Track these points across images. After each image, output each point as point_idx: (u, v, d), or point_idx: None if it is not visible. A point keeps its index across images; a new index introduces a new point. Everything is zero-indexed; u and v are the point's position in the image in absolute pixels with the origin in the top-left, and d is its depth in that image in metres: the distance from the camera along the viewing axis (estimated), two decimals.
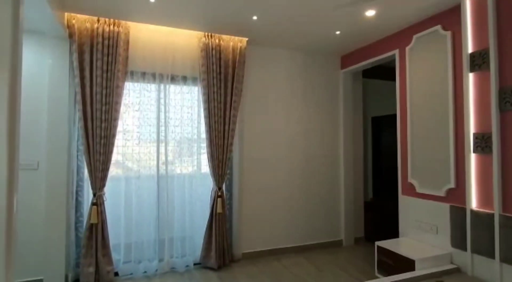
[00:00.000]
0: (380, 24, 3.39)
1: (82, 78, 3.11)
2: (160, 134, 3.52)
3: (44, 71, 3.10)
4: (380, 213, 4.42)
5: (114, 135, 3.21)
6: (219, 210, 3.56)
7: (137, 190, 3.43)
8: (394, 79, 3.69)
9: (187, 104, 3.63)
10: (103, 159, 3.16)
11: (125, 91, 3.34)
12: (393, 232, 3.71)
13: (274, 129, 4.08)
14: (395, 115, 3.64)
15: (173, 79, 3.57)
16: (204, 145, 3.66)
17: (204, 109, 3.55)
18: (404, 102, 3.46)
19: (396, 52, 3.59)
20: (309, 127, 4.29)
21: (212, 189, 3.64)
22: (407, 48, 3.42)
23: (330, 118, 4.42)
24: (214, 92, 3.59)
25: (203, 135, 3.65)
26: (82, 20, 3.13)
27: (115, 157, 3.35)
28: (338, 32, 3.61)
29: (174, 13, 3.14)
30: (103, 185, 3.20)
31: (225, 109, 3.66)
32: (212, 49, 3.59)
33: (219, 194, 3.59)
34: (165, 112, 3.53)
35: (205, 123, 3.56)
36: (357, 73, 4.62)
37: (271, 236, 4.02)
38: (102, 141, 3.15)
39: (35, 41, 3.09)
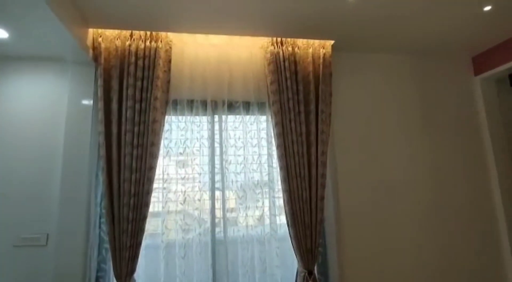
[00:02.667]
0: None
1: (107, 112, 2.22)
2: (215, 186, 2.39)
3: (62, 107, 2.29)
4: None
5: (148, 192, 2.16)
6: None
7: (184, 270, 2.23)
8: None
9: (252, 141, 2.48)
10: (133, 228, 2.09)
11: (165, 128, 2.35)
12: None
13: (383, 172, 2.64)
14: None
15: (231, 107, 2.50)
16: (279, 197, 2.39)
17: (278, 146, 2.36)
18: None
19: None
20: (436, 164, 2.75)
21: (298, 271, 2.27)
22: None
23: (469, 149, 2.83)
24: (291, 121, 2.40)
25: (278, 184, 2.40)
26: (111, 38, 2.33)
27: (151, 221, 2.27)
28: (488, 8, 2.22)
29: (231, 14, 2.17)
30: (133, 270, 2.08)
31: (309, 144, 2.41)
32: (284, 60, 2.49)
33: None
34: (221, 154, 2.43)
35: (280, 167, 2.33)
36: (502, 80, 3.03)
37: None
38: (132, 201, 2.11)
39: (53, 69, 2.35)
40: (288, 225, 2.28)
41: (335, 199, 2.49)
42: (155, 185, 2.24)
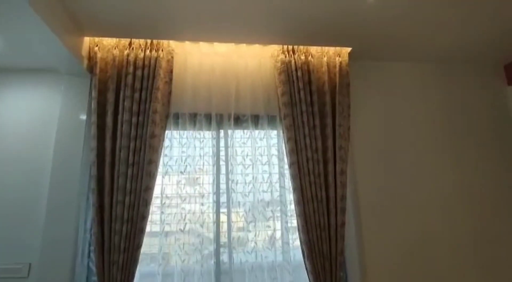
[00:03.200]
0: None
1: (101, 127, 2.01)
2: (220, 209, 2.12)
3: (53, 121, 2.09)
4: None
5: (144, 217, 1.90)
6: None
7: None
8: None
9: (261, 159, 2.22)
10: (125, 260, 1.82)
11: (165, 144, 2.11)
12: None
13: (409, 191, 2.32)
14: None
15: (238, 121, 2.26)
16: (293, 221, 2.10)
17: (291, 164, 2.08)
18: None
19: None
20: (467, 181, 2.41)
21: None
22: None
23: (502, 163, 2.49)
24: (305, 136, 2.14)
25: (291, 207, 2.12)
26: (108, 47, 2.16)
27: (147, 248, 2.00)
28: None
29: (238, 20, 1.99)
30: None
31: (326, 162, 2.13)
32: (296, 69, 2.27)
33: None
34: (227, 173, 2.17)
35: (294, 189, 2.05)
36: None
37: None
38: (125, 227, 1.85)
39: (45, 80, 2.18)
40: (303, 256, 1.97)
41: (357, 225, 2.18)
42: (152, 209, 1.99)
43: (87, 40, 2.13)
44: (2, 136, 2.06)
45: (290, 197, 2.12)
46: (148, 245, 2.02)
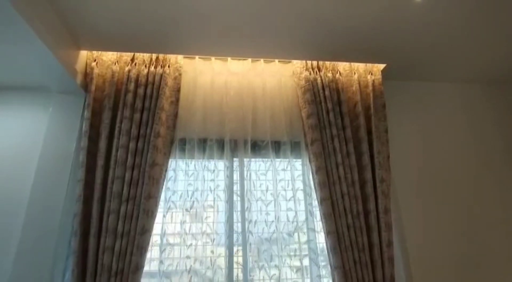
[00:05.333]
0: None
1: (92, 153, 1.66)
2: (235, 256, 1.69)
3: (36, 150, 1.74)
4: None
5: (138, 268, 1.48)
6: None
7: None
8: None
9: (285, 194, 1.82)
10: None
11: (168, 174, 1.74)
12: None
13: (468, 232, 1.88)
14: None
15: (255, 147, 1.90)
16: (327, 276, 1.66)
17: (322, 201, 1.69)
18: None
19: None
20: None
21: None
22: None
23: None
24: (337, 165, 1.76)
25: (324, 255, 1.68)
26: (108, 63, 1.88)
27: None
28: None
29: (255, 33, 1.72)
30: None
31: (365, 198, 1.73)
32: (323, 88, 1.95)
33: None
34: (243, 211, 1.77)
35: (327, 233, 1.63)
36: None
37: None
38: None
39: (34, 99, 1.87)
40: None
41: (407, 273, 1.71)
42: (149, 254, 1.58)
43: (83, 54, 1.86)
44: None
45: (322, 242, 1.69)
46: None
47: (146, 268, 1.54)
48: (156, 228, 1.64)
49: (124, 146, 1.66)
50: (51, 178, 1.66)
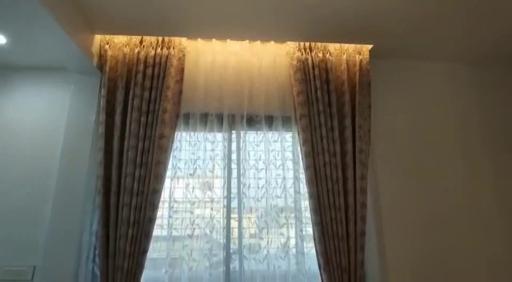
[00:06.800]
0: None
1: (109, 126, 1.94)
2: (231, 214, 2.01)
3: (62, 121, 2.04)
4: None
5: (151, 220, 1.81)
6: None
7: None
8: None
9: (275, 162, 2.09)
10: (130, 265, 1.73)
11: (174, 145, 2.03)
12: None
13: (437, 201, 2.13)
14: None
15: (251, 121, 2.15)
16: (308, 229, 1.96)
17: (307, 168, 1.95)
18: None
19: None
20: (505, 194, 2.19)
21: None
22: None
23: None
24: (322, 138, 2.00)
25: (307, 214, 1.98)
26: (119, 45, 2.10)
27: (153, 253, 1.91)
28: None
29: (253, 16, 1.90)
30: None
31: (345, 167, 1.99)
32: (313, 67, 2.14)
33: None
34: (239, 177, 2.06)
35: (310, 195, 1.91)
36: None
37: None
38: (131, 231, 1.77)
39: (55, 79, 2.14)
40: (320, 268, 1.82)
41: (379, 235, 2.01)
42: (160, 212, 1.90)
43: (97, 38, 2.09)
44: (10, 134, 2.04)
45: (305, 203, 1.98)
46: (155, 250, 1.93)
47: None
48: (165, 192, 1.95)
49: (136, 120, 1.93)
50: (76, 147, 1.97)
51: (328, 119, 2.04)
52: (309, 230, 1.96)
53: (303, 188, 1.99)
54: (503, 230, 2.12)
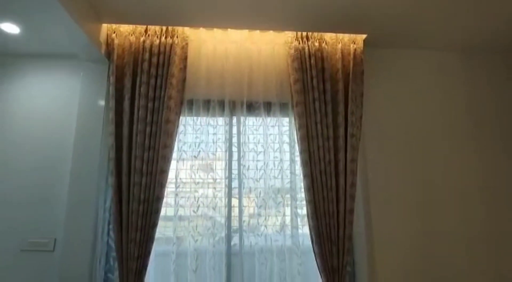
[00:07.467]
0: None
1: (119, 112, 2.09)
2: (232, 193, 2.19)
3: (73, 106, 2.19)
4: None
5: (159, 198, 2.00)
6: None
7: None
8: None
9: (273, 146, 2.26)
10: (141, 237, 1.93)
11: (179, 129, 2.18)
12: None
13: (424, 184, 2.31)
14: None
15: (251, 107, 2.29)
16: (302, 207, 2.16)
17: (302, 151, 2.12)
18: None
19: None
20: (490, 177, 2.37)
21: None
22: None
23: None
24: (316, 123, 2.15)
25: (301, 194, 2.16)
26: (125, 34, 2.21)
27: (162, 228, 2.10)
28: None
29: (252, 6, 2.00)
30: None
31: (337, 150, 2.15)
32: (309, 56, 2.26)
33: None
34: (239, 159, 2.23)
35: (304, 175, 2.09)
36: None
37: None
38: (142, 207, 1.95)
39: (65, 67, 2.26)
40: (312, 241, 2.02)
41: (366, 213, 2.21)
42: (167, 191, 2.08)
43: (104, 27, 2.19)
44: (27, 120, 2.19)
45: (300, 183, 2.16)
46: (163, 228, 2.11)
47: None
48: (171, 173, 2.11)
49: (143, 106, 2.08)
50: (88, 131, 2.12)
51: (323, 106, 2.19)
52: (304, 208, 2.15)
53: (298, 170, 2.17)
54: (480, 213, 2.30)
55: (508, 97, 2.53)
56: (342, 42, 2.33)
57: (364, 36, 2.33)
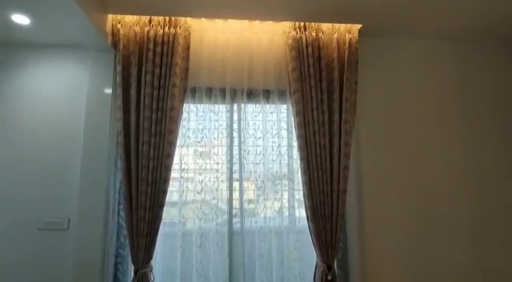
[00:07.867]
0: None
1: (126, 99, 2.20)
2: (233, 176, 2.34)
3: (82, 94, 2.30)
4: None
5: (166, 180, 2.14)
6: None
7: (200, 259, 2.21)
8: None
9: (272, 131, 2.40)
10: (150, 216, 2.09)
11: (183, 116, 2.31)
12: None
13: (414, 169, 2.47)
14: None
15: (250, 95, 2.42)
16: (299, 189, 2.32)
17: (298, 136, 2.26)
18: None
19: None
20: (479, 164, 2.53)
21: (317, 266, 2.20)
22: None
23: None
24: (312, 110, 2.29)
25: (298, 176, 2.32)
26: (130, 24, 2.30)
27: (169, 211, 2.26)
28: None
29: None
30: (149, 257, 2.08)
31: (332, 135, 2.29)
32: (306, 46, 2.37)
33: (329, 277, 2.11)
34: (240, 144, 2.37)
35: (301, 159, 2.24)
36: None
37: None
38: (150, 189, 2.10)
39: (73, 56, 2.36)
40: (307, 219, 2.19)
41: (358, 193, 2.37)
42: (172, 175, 2.22)
43: (110, 17, 2.28)
44: (38, 107, 2.30)
45: (297, 166, 2.31)
46: (168, 214, 2.25)
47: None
48: (176, 156, 2.25)
49: (149, 94, 2.19)
50: (97, 117, 2.24)
51: (319, 93, 2.31)
52: (300, 188, 2.31)
53: (296, 154, 2.31)
54: (468, 197, 2.47)
55: (500, 86, 2.66)
56: (338, 32, 2.43)
57: (359, 26, 2.43)
